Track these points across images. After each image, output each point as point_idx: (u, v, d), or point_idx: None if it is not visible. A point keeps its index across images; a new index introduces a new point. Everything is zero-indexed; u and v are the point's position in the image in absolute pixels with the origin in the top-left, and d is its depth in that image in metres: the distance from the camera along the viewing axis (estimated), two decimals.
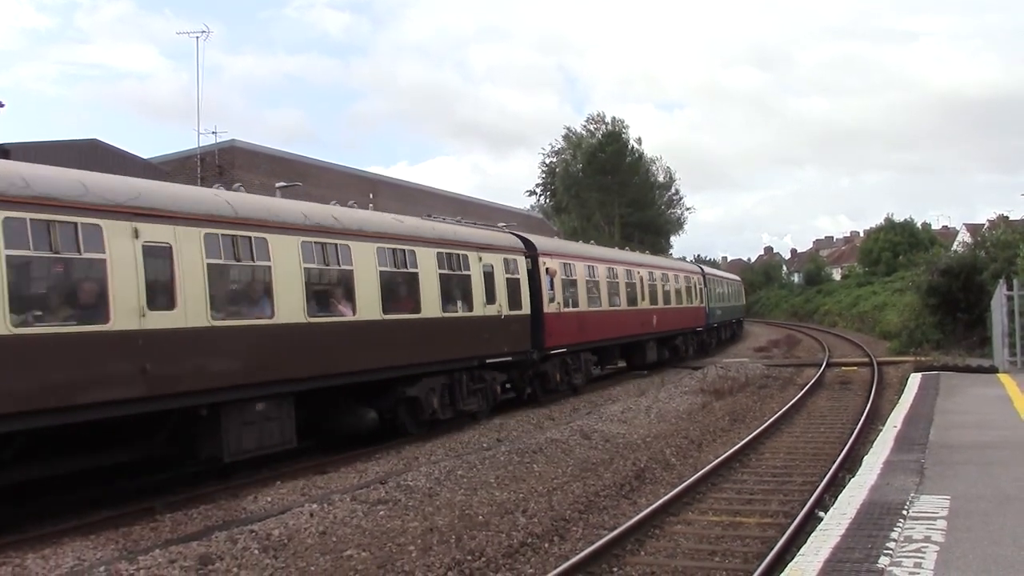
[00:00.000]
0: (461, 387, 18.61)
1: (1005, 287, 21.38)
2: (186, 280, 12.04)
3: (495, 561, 9.18)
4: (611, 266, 28.25)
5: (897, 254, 65.68)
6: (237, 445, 12.92)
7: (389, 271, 16.44)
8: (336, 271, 15.20)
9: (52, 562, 9.41)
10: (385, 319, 16.05)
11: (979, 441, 11.10)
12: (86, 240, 10.78)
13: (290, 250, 13.94)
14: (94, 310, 10.90)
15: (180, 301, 11.92)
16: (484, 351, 19.39)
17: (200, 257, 12.30)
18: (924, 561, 6.11)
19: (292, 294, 13.85)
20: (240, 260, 13.07)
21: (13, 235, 9.95)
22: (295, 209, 14.81)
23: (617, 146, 76.74)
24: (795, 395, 22.12)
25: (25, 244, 10.11)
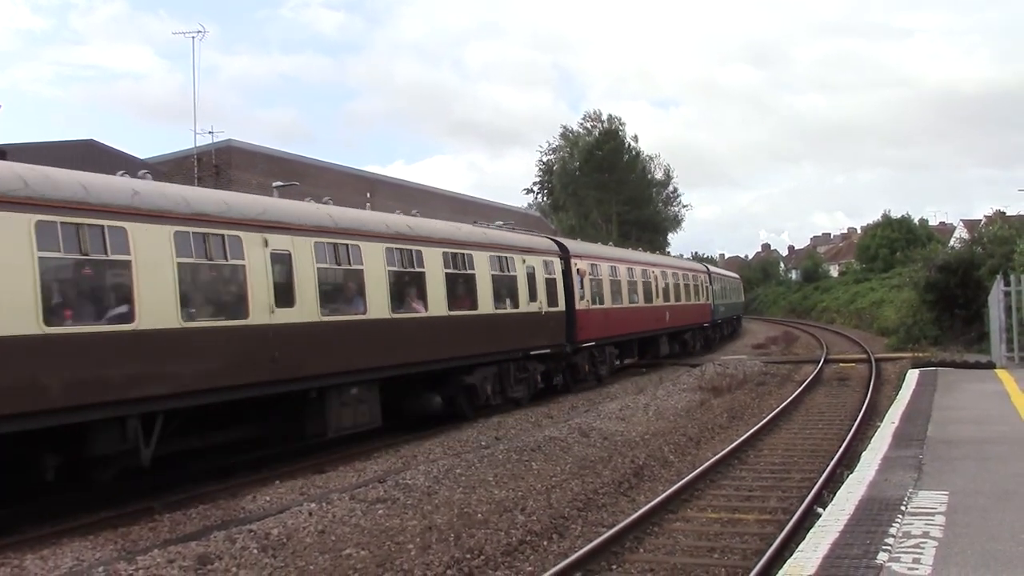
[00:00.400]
0: (509, 376, 20.86)
1: (1002, 283, 21.41)
2: (302, 282, 14.22)
3: (494, 559, 9.18)
4: (630, 266, 30.31)
5: (894, 250, 65.73)
6: (337, 423, 15.02)
7: (452, 272, 18.51)
8: (411, 273, 17.31)
9: (51, 563, 9.40)
10: (450, 315, 18.21)
11: (977, 437, 11.11)
12: (231, 249, 12.94)
13: (377, 255, 16.17)
14: (237, 308, 13.10)
15: (298, 300, 14.10)
16: (528, 344, 21.55)
17: (312, 262, 14.52)
18: (923, 556, 6.12)
19: (379, 293, 16.08)
20: (339, 264, 15.31)
21: (182, 246, 12.15)
22: (379, 220, 17.28)
23: (614, 144, 76.78)
24: (793, 392, 22.13)
25: (189, 253, 12.27)
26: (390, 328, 16.27)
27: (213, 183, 34.00)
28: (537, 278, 22.40)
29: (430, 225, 18.96)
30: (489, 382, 19.77)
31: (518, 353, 21.09)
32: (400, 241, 16.94)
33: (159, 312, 11.66)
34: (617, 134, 78.14)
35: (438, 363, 17.77)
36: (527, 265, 21.95)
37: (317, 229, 14.88)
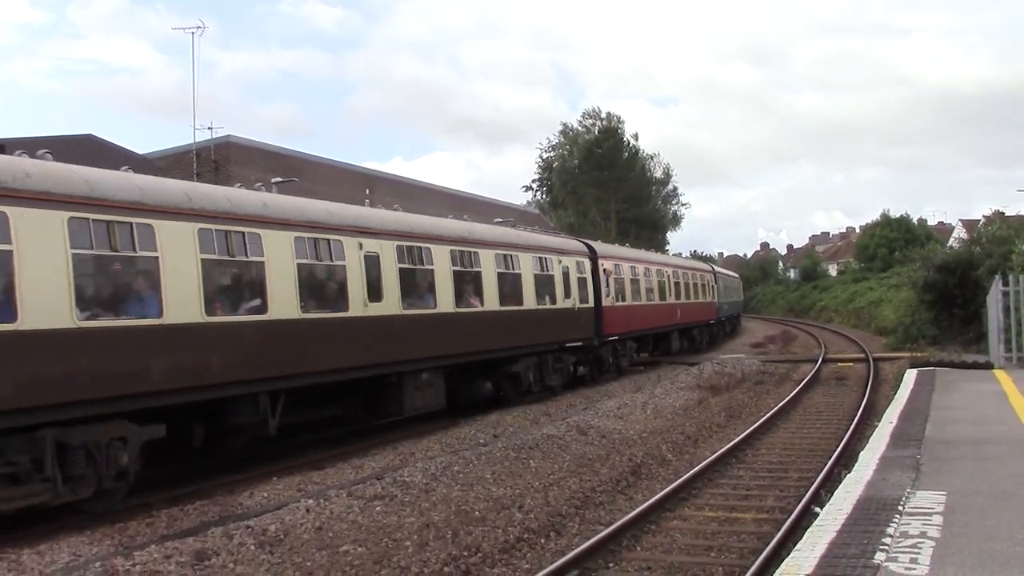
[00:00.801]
0: (548, 365, 22.89)
1: (1001, 283, 21.41)
2: (387, 280, 16.36)
3: (491, 557, 9.18)
4: (647, 266, 32.66)
5: (893, 250, 65.76)
6: (411, 404, 17.16)
7: (503, 272, 20.72)
8: (470, 272, 19.40)
9: (48, 558, 9.40)
10: (500, 310, 20.36)
11: (975, 437, 11.11)
12: (335, 251, 15.14)
13: (444, 256, 18.42)
14: (339, 302, 15.25)
15: (384, 295, 16.20)
16: (563, 337, 23.77)
17: (395, 262, 16.71)
18: (920, 557, 6.12)
19: (445, 290, 18.23)
20: (415, 264, 17.50)
21: (299, 249, 14.34)
22: (446, 225, 19.58)
23: (613, 142, 76.76)
24: (791, 391, 22.13)
25: (305, 255, 14.47)
26: (454, 321, 18.53)
27: (212, 179, 33.99)
28: (571, 277, 24.59)
29: (485, 229, 21.60)
30: (531, 371, 21.86)
31: (554, 345, 23.35)
32: (461, 244, 19.29)
33: (284, 305, 13.82)
34: (616, 132, 78.11)
35: (490, 353, 20.03)
36: (562, 265, 24.18)
37: (399, 234, 17.20)
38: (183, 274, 12.04)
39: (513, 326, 20.89)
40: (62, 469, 10.46)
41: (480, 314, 19.52)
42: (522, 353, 21.36)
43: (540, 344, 22.42)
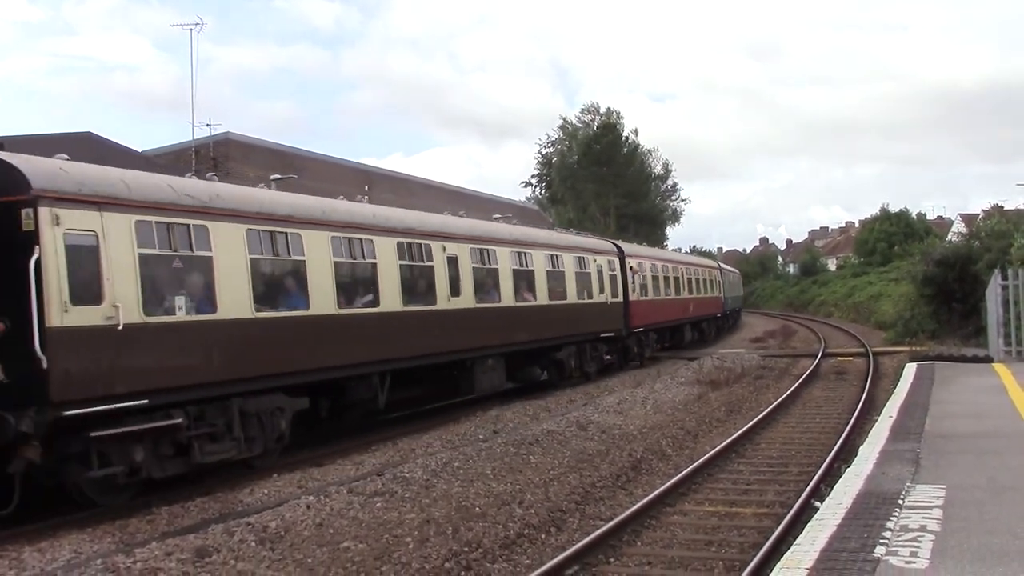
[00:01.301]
0: (586, 354, 25.55)
1: (1000, 277, 21.40)
2: (464, 278, 19.08)
3: (492, 552, 9.19)
4: (664, 264, 35.65)
5: (892, 244, 65.73)
6: (480, 385, 19.88)
7: (551, 270, 23.54)
8: (526, 270, 22.22)
9: (49, 555, 9.41)
10: (549, 304, 23.13)
11: (974, 431, 11.12)
12: (426, 254, 17.81)
13: (506, 256, 21.18)
14: (430, 297, 17.90)
15: (462, 291, 18.89)
16: (598, 328, 26.46)
17: (469, 263, 19.47)
18: (920, 550, 6.13)
19: (507, 286, 21.03)
20: (484, 264, 20.15)
21: (401, 252, 17.01)
22: (506, 230, 22.91)
23: (612, 137, 76.66)
24: (791, 385, 22.15)
25: (405, 257, 17.09)
26: (513, 314, 21.32)
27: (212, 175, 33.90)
28: (604, 275, 27.31)
29: (536, 233, 25.14)
30: (572, 358, 24.52)
31: (591, 335, 26.00)
32: (519, 246, 22.17)
33: (391, 300, 16.49)
34: (615, 127, 78.01)
35: (540, 342, 22.73)
36: (597, 264, 26.91)
37: (472, 238, 19.91)
38: (322, 274, 14.73)
39: (558, 318, 23.65)
40: (243, 431, 13.07)
41: (533, 307, 22.36)
42: (565, 342, 24.02)
43: (580, 334, 25.11)
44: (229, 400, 12.73)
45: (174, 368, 11.82)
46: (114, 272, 11.05)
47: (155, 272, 11.74)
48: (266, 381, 13.41)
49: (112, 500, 11.37)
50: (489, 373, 20.18)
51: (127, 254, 11.29)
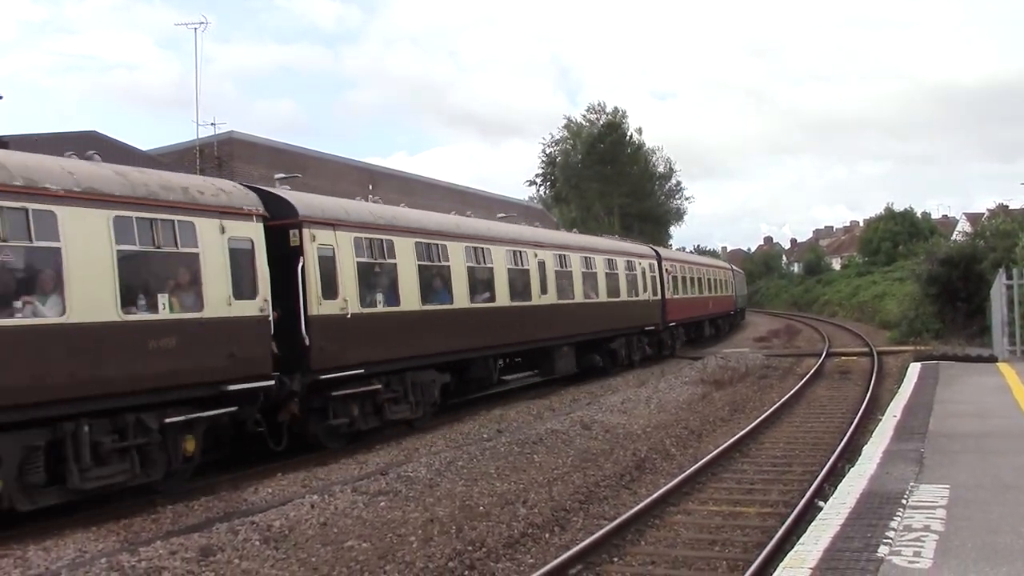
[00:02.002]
0: (633, 345, 29.46)
1: (1004, 276, 21.36)
2: (549, 279, 22.93)
3: (496, 551, 9.20)
4: (690, 266, 39.84)
5: (897, 244, 65.62)
6: (558, 368, 23.78)
7: (607, 272, 27.38)
8: (591, 272, 26.17)
9: (54, 554, 9.43)
10: (606, 301, 27.03)
11: (978, 430, 11.11)
12: (524, 258, 21.92)
13: (577, 261, 25.31)
14: (527, 294, 21.88)
15: (549, 290, 22.94)
16: (642, 323, 30.30)
17: (553, 266, 23.48)
18: (923, 550, 6.13)
19: (578, 286, 25.10)
20: (563, 268, 24.11)
21: (509, 258, 21.08)
22: (576, 238, 27.60)
23: (616, 136, 76.56)
24: (795, 385, 22.14)
25: (511, 262, 21.19)
26: (583, 309, 25.14)
27: (215, 174, 33.96)
28: (647, 276, 31.27)
29: (597, 240, 29.62)
30: (623, 348, 28.46)
31: (637, 329, 29.75)
32: (585, 252, 26.17)
33: (503, 297, 20.42)
34: (619, 126, 77.91)
35: (599, 334, 26.45)
36: (641, 266, 30.79)
37: (554, 245, 24.17)
38: (459, 275, 18.69)
39: (614, 314, 27.51)
40: (412, 397, 16.89)
41: (595, 304, 26.23)
42: (617, 334, 27.90)
43: (629, 328, 28.90)
44: (405, 373, 16.65)
45: (376, 346, 15.71)
46: (344, 275, 15.06)
47: (365, 275, 15.70)
48: (425, 359, 17.32)
49: (335, 444, 15.38)
50: (564, 358, 24.07)
51: (350, 262, 15.28)
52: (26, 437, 10.12)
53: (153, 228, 11.59)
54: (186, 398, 11.93)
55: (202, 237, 12.27)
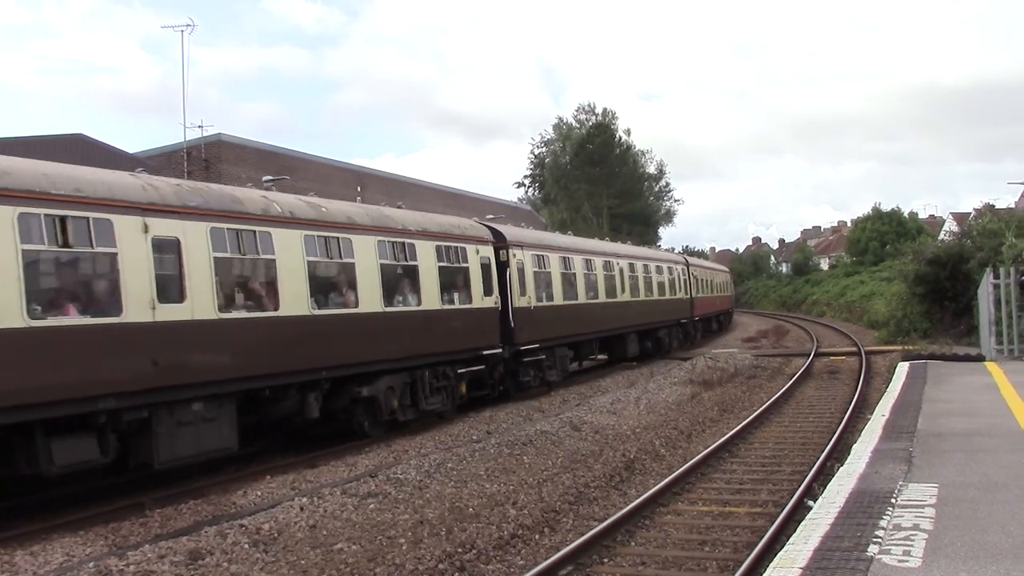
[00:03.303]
0: (671, 336, 36.06)
1: (992, 276, 21.44)
2: (626, 282, 29.91)
3: (486, 553, 9.19)
4: (704, 270, 47.54)
5: (885, 243, 65.84)
6: (628, 352, 30.53)
7: (639, 275, 32.36)
8: (636, 275, 31.78)
9: (41, 559, 9.38)
10: (651, 299, 33.54)
11: (966, 429, 11.14)
12: (613, 266, 29.07)
13: (626, 266, 30.51)
14: (613, 293, 28.51)
15: (626, 290, 29.96)
16: (676, 317, 37.26)
17: (628, 272, 30.52)
18: (913, 548, 6.14)
19: (642, 286, 31.90)
20: (610, 272, 28.87)
21: (605, 266, 28.46)
22: (625, 248, 33.04)
23: (605, 137, 76.71)
24: (784, 385, 22.19)
25: (606, 268, 28.61)
26: (644, 305, 32.10)
27: (203, 177, 33.85)
28: (680, 278, 38.66)
29: (639, 249, 35.87)
30: (666, 337, 35.11)
31: (674, 322, 36.64)
32: (631, 259, 31.78)
33: (583, 297, 26.08)
34: (609, 127, 78.06)
35: (651, 325, 32.96)
36: (673, 271, 37.66)
37: (627, 256, 31.45)
38: (581, 277, 26.20)
39: (661, 309, 34.56)
40: (559, 366, 24.27)
41: (643, 302, 32.29)
42: (662, 326, 34.52)
43: (669, 321, 35.72)
44: (555, 349, 23.74)
45: (544, 327, 22.90)
46: (528, 280, 22.34)
47: (538, 280, 23.11)
48: (560, 340, 24.11)
49: (520, 393, 22.06)
50: (632, 344, 30.67)
51: (530, 271, 22.62)
52: (403, 377, 16.93)
53: (454, 252, 19.15)
54: (460, 359, 18.98)
55: (470, 257, 19.74)
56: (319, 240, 14.85)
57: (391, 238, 16.87)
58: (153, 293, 11.75)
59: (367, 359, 15.73)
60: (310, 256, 14.56)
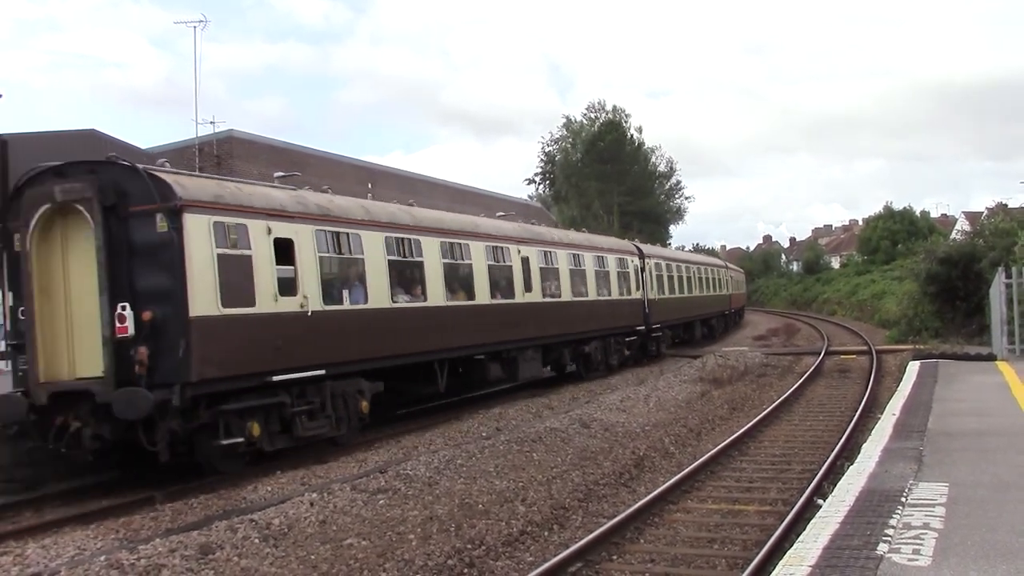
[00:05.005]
0: (717, 325, 45.28)
1: (1004, 275, 21.36)
2: (694, 281, 39.52)
3: (495, 549, 9.20)
4: (731, 271, 55.15)
5: (896, 242, 65.61)
6: (698, 337, 40.01)
7: (700, 275, 41.08)
8: (699, 276, 40.69)
9: (53, 551, 9.44)
10: (705, 295, 41.98)
11: (977, 428, 11.11)
12: (684, 269, 38.19)
13: (683, 268, 37.33)
14: (684, 289, 37.97)
15: (693, 288, 39.26)
16: (719, 310, 46.27)
17: (696, 275, 40.37)
18: (923, 548, 6.13)
19: (685, 285, 37.29)
20: (671, 273, 35.05)
21: (672, 269, 36.53)
22: (684, 255, 44.67)
23: (616, 135, 76.60)
24: (794, 383, 22.14)
25: (674, 271, 36.55)
26: (701, 299, 40.84)
27: (214, 172, 33.96)
28: (722, 278, 48.10)
29: (692, 255, 47.15)
30: (717, 324, 45.11)
31: (718, 312, 45.60)
32: (688, 263, 39.86)
33: (687, 289, 37.48)
34: (620, 125, 77.96)
35: (704, 316, 41.87)
36: (717, 272, 47.08)
37: (695, 262, 41.85)
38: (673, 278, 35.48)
39: (710, 303, 43.50)
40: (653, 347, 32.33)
41: (707, 296, 42.19)
42: (710, 316, 43.19)
43: (715, 312, 44.68)
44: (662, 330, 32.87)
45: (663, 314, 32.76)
46: (653, 280, 32.12)
47: (660, 280, 32.95)
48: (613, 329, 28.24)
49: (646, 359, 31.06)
50: (699, 328, 40.23)
51: (652, 274, 32.13)
52: (598, 343, 26.79)
53: (623, 262, 29.40)
54: (617, 333, 28.22)
55: (631, 264, 30.10)
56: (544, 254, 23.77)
57: (600, 254, 27.83)
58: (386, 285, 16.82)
59: (584, 330, 25.64)
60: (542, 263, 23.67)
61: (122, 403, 11.65)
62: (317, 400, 14.47)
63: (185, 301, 12.02)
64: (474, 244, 19.50)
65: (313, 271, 14.33)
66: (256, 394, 13.20)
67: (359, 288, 15.61)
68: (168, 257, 12.11)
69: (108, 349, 12.00)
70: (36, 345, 12.43)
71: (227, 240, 12.77)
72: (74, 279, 12.62)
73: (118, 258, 12.23)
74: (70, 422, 12.12)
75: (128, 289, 12.18)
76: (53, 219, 12.62)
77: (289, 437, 14.12)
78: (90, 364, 12.33)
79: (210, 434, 12.67)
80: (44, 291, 12.59)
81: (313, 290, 14.27)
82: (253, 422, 13.09)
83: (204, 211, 12.48)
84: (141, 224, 12.27)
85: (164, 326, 12.04)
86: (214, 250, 12.50)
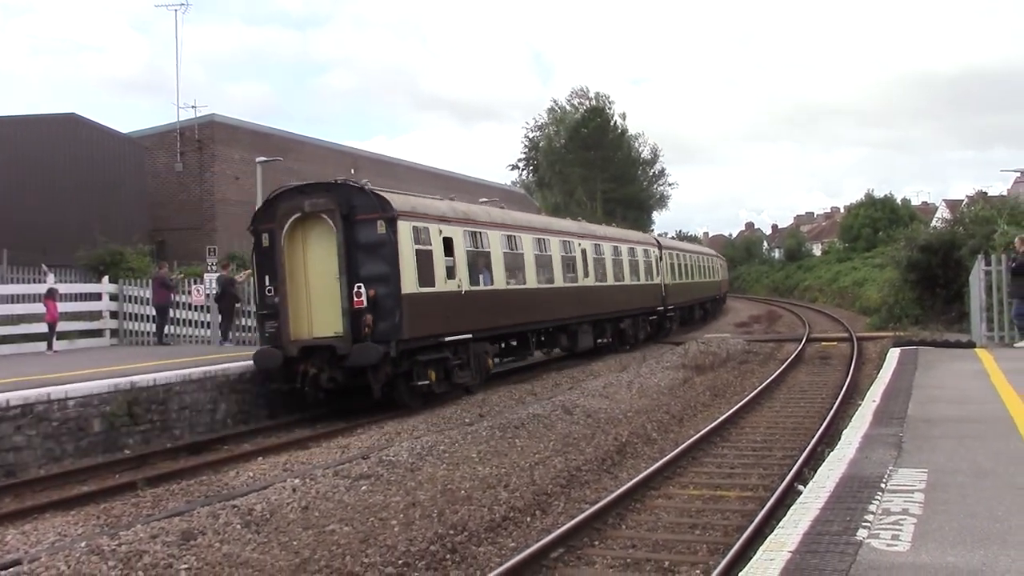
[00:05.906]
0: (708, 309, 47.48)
1: (983, 262, 21.48)
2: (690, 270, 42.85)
3: (477, 535, 9.22)
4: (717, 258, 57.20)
5: (877, 230, 65.85)
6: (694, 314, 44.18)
7: (702, 265, 46.08)
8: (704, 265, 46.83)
9: (33, 537, 9.40)
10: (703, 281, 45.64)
11: (957, 415, 11.18)
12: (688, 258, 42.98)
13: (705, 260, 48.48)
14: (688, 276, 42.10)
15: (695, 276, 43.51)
16: (714, 293, 50.01)
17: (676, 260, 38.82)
18: (902, 533, 6.17)
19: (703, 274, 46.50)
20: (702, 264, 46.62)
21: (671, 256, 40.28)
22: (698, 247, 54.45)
23: (599, 121, 76.55)
24: (775, 370, 22.25)
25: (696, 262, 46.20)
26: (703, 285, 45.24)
27: (197, 157, 33.76)
28: (719, 268, 53.05)
29: (699, 247, 54.86)
30: (710, 307, 48.14)
31: (709, 298, 47.98)
32: (699, 255, 46.45)
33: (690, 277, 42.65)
34: (603, 112, 77.90)
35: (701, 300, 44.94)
36: (714, 263, 51.57)
37: (675, 248, 40.98)
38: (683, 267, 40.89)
39: (706, 288, 46.41)
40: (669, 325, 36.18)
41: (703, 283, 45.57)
42: (707, 300, 46.80)
43: (709, 296, 47.92)
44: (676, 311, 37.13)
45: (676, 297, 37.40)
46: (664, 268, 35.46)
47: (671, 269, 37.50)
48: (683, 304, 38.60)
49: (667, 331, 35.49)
50: (698, 310, 43.72)
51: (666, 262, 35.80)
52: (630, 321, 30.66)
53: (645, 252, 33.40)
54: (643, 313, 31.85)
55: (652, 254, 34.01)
56: None
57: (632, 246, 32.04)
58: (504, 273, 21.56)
59: (622, 309, 29.52)
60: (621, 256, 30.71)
61: (359, 353, 15.94)
62: (465, 357, 18.91)
63: (399, 283, 16.45)
64: (552, 239, 24.44)
65: (464, 261, 18.96)
66: (433, 350, 17.64)
67: (487, 274, 20.19)
68: (386, 251, 16.50)
69: (347, 317, 16.28)
70: (289, 313, 16.74)
71: (419, 239, 17.27)
72: (311, 266, 16.96)
73: (350, 251, 16.42)
74: (309, 368, 16.36)
75: (356, 274, 16.38)
76: (295, 224, 16.88)
77: (448, 383, 18.43)
78: (326, 326, 16.71)
79: (406, 378, 17.10)
80: (291, 275, 16.86)
81: (464, 275, 18.92)
82: (431, 370, 17.56)
83: (407, 218, 17.07)
84: (366, 228, 16.59)
85: (384, 300, 16.33)
86: (413, 246, 17.02)
